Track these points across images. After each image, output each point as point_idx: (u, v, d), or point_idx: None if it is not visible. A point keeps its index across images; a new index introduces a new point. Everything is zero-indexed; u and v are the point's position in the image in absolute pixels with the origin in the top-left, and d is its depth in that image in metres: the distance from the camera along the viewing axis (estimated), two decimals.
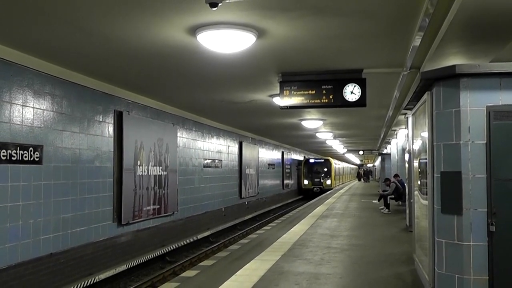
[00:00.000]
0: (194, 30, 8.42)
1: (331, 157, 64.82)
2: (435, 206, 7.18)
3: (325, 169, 54.06)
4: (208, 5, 6.69)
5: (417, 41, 8.55)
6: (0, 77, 9.74)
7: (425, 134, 7.76)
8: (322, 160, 55.21)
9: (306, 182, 52.62)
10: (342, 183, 75.02)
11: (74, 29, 8.53)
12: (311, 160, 54.54)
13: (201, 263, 10.49)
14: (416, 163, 9.73)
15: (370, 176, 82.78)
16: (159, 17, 7.88)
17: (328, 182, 53.63)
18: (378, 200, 24.98)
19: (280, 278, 9.12)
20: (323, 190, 50.56)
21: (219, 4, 6.68)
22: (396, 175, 23.90)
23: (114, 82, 13.29)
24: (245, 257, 11.00)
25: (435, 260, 7.17)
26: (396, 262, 10.62)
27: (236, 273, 9.48)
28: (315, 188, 51.51)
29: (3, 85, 9.81)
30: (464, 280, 6.67)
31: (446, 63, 8.99)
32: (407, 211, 15.69)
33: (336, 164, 60.65)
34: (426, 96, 7.60)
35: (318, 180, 52.91)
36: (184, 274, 9.54)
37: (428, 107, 7.44)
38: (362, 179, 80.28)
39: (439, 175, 7.06)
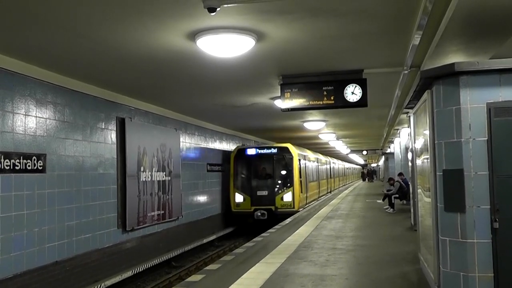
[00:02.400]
0: (193, 35, 8.45)
1: (328, 154, 52.49)
2: (438, 204, 7.17)
3: (280, 170, 26.12)
4: (206, 10, 6.72)
5: (416, 39, 8.57)
6: (2, 87, 9.77)
7: (427, 133, 7.76)
8: (273, 151, 26.04)
9: (239, 198, 25.22)
10: (344, 186, 62.76)
11: (74, 37, 8.57)
12: (250, 152, 25.84)
13: (207, 267, 10.47)
14: (419, 162, 9.72)
15: (374, 176, 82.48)
16: (158, 23, 7.91)
17: (288, 197, 25.16)
18: (383, 200, 24.94)
19: (286, 280, 9.11)
20: (276, 214, 24.09)
21: (218, 9, 6.71)
22: (400, 174, 23.88)
23: (115, 88, 13.32)
24: (250, 261, 10.99)
25: (440, 259, 7.16)
26: (401, 261, 10.60)
27: (241, 277, 9.47)
28: (259, 212, 24.51)
29: (5, 95, 9.84)
30: (469, 277, 6.66)
31: (446, 61, 8.98)
32: (412, 210, 15.66)
33: (310, 160, 32.89)
34: (426, 95, 7.60)
35: (265, 193, 25.41)
36: (190, 279, 9.53)
37: (428, 106, 7.44)
38: (366, 179, 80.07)
39: (441, 173, 7.06)
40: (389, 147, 40.37)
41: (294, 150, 25.91)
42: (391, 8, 7.55)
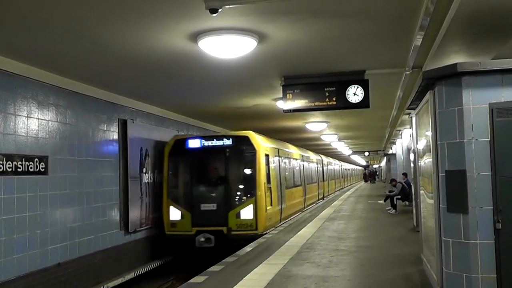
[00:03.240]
0: (195, 36, 8.44)
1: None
2: (441, 205, 7.16)
3: (237, 171, 17.57)
4: (208, 11, 6.72)
5: (418, 40, 8.55)
6: (4, 89, 9.77)
7: (429, 133, 7.75)
8: (226, 142, 16.98)
9: (175, 214, 16.67)
10: (341, 189, 54.38)
11: (76, 39, 8.56)
12: (192, 144, 17.11)
13: (209, 269, 10.47)
14: (421, 163, 9.71)
15: (376, 177, 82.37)
16: (160, 25, 7.90)
17: (247, 212, 16.35)
18: (384, 201, 24.92)
19: (288, 282, 9.11)
20: (229, 240, 15.78)
21: (219, 10, 6.70)
22: (404, 174, 23.85)
23: (117, 90, 13.32)
24: (253, 262, 10.98)
25: (443, 260, 7.15)
26: (404, 262, 10.59)
27: (244, 278, 9.47)
28: (202, 237, 15.88)
29: (7, 97, 9.84)
30: (472, 279, 6.64)
31: (448, 61, 8.97)
32: (414, 211, 15.65)
33: (289, 157, 23.54)
34: (428, 95, 7.59)
35: (212, 206, 16.52)
36: (192, 280, 9.52)
37: (430, 106, 7.43)
38: (368, 180, 79.96)
39: (444, 174, 7.05)
40: (391, 148, 40.41)
41: (257, 141, 16.57)
42: (393, 9, 7.53)
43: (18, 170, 9.95)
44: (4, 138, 9.70)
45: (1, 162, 9.50)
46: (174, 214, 16.44)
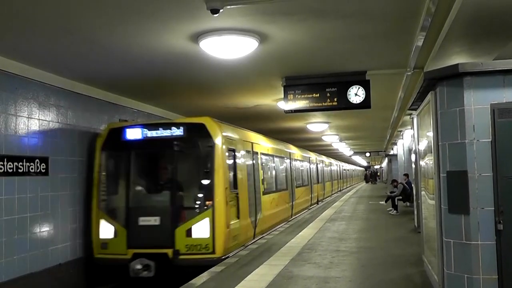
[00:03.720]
0: (196, 37, 8.45)
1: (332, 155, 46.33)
2: (442, 206, 7.14)
3: (189, 171, 13.40)
4: (209, 11, 6.73)
5: (420, 41, 8.55)
6: (5, 90, 9.76)
7: (430, 134, 7.73)
8: (175, 132, 12.30)
9: (106, 230, 12.21)
10: (340, 191, 50.23)
11: (77, 40, 8.58)
12: (131, 134, 12.55)
13: (210, 269, 10.46)
14: (422, 163, 9.69)
15: (377, 178, 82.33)
16: (161, 25, 7.90)
17: (201, 229, 11.76)
18: (386, 202, 24.88)
19: (289, 282, 9.09)
20: (176, 267, 11.59)
21: (221, 10, 6.71)
22: (405, 175, 23.82)
23: (118, 91, 13.32)
24: (253, 263, 10.96)
25: (444, 261, 7.12)
26: (405, 263, 10.57)
27: (245, 279, 9.45)
28: (139, 264, 11.54)
29: (8, 98, 9.83)
30: (473, 280, 6.62)
31: (449, 62, 8.97)
32: (415, 212, 15.63)
33: (265, 154, 18.15)
34: (430, 96, 7.57)
35: (154, 220, 11.88)
36: (193, 281, 9.51)
37: (432, 107, 7.41)
38: (369, 181, 79.95)
39: (445, 174, 7.03)
40: (392, 149, 40.38)
41: (217, 131, 12.15)
42: (394, 10, 7.53)
43: (19, 170, 9.95)
44: (6, 139, 9.69)
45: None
46: (106, 230, 12.16)
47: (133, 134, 12.41)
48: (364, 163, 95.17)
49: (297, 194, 24.10)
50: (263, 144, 17.83)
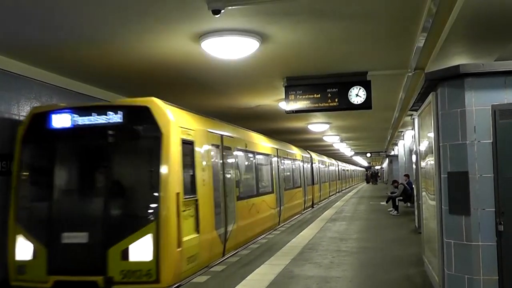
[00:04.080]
0: (198, 37, 8.47)
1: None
2: (443, 206, 7.14)
3: (128, 171, 9.83)
4: (211, 12, 6.74)
5: (421, 42, 8.56)
6: (8, 89, 9.76)
7: (431, 135, 7.74)
8: (112, 118, 9.24)
9: (24, 250, 9.19)
10: (339, 192, 47.80)
11: (80, 40, 8.62)
12: (57, 122, 9.48)
13: (212, 269, 10.46)
14: (423, 164, 9.70)
15: (378, 178, 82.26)
16: (163, 26, 7.92)
17: (141, 250, 8.70)
18: (386, 202, 24.86)
19: (291, 282, 9.10)
20: None
21: (222, 11, 6.72)
22: (406, 175, 23.81)
23: (121, 91, 13.33)
24: (255, 262, 10.98)
25: (444, 261, 7.13)
26: (405, 264, 10.58)
27: (246, 278, 9.46)
28: None
29: (11, 98, 9.83)
30: (473, 280, 6.63)
31: (450, 63, 8.98)
32: (416, 213, 15.64)
33: (241, 149, 14.76)
34: (431, 97, 7.57)
35: (82, 238, 8.91)
36: (195, 280, 9.51)
37: (433, 108, 7.42)
38: (370, 181, 79.90)
39: (446, 175, 7.04)
40: (393, 150, 40.36)
41: (165, 116, 9.20)
42: (396, 11, 7.55)
43: None
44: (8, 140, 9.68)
45: None
46: (23, 249, 9.22)
47: (60, 121, 9.47)
48: (365, 164, 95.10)
49: (286, 197, 21.06)
50: (239, 137, 14.61)
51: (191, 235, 9.62)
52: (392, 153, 41.91)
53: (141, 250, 8.68)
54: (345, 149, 44.75)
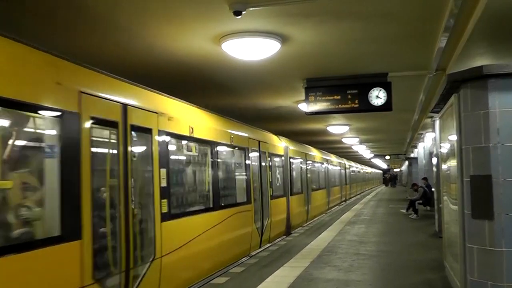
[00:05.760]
0: (219, 38, 8.45)
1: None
2: (465, 211, 7.02)
3: None
4: (232, 13, 6.72)
5: (442, 42, 8.46)
6: None
7: (453, 138, 7.62)
8: None
9: None
10: (349, 199, 39.93)
11: (100, 41, 8.63)
12: None
13: (230, 270, 10.45)
14: (445, 167, 9.58)
15: (397, 181, 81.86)
16: (184, 27, 7.91)
17: None
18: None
19: (310, 285, 9.05)
20: None
21: (243, 12, 6.69)
22: (424, 178, 23.60)
23: None
24: (273, 264, 10.94)
25: (467, 267, 7.00)
26: (426, 268, 10.46)
27: (265, 280, 9.43)
28: None
29: None
30: (497, 287, 6.52)
31: (472, 64, 8.86)
32: (436, 217, 15.50)
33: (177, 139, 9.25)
34: (453, 99, 7.47)
35: None
36: (214, 281, 9.50)
37: (455, 110, 7.30)
38: (389, 184, 79.52)
39: (469, 179, 6.92)
40: (413, 152, 40.12)
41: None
42: (417, 11, 7.46)
43: None
44: None
45: None
46: None
47: None
48: (384, 166, 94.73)
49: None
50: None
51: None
52: (412, 155, 41.68)
53: None
54: (364, 151, 44.52)
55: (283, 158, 18.15)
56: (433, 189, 22.62)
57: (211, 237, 10.30)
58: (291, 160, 18.93)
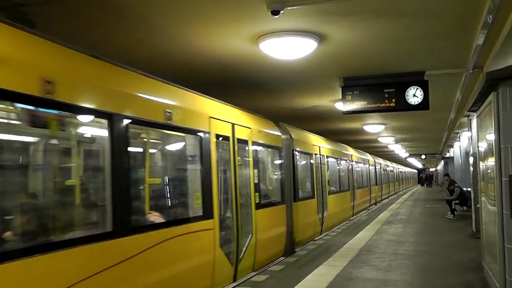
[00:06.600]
0: (256, 38, 8.51)
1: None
2: (504, 211, 6.93)
3: None
4: (270, 13, 6.79)
5: (480, 39, 8.36)
6: None
7: (491, 137, 7.55)
8: None
9: None
10: (373, 203, 32.67)
11: (136, 41, 8.76)
12: None
13: (270, 268, 10.54)
14: (482, 167, 9.49)
15: (433, 181, 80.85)
16: (222, 27, 8.00)
17: None
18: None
19: (349, 284, 9.06)
20: None
21: (281, 12, 6.75)
22: (446, 175, 23.36)
23: None
24: (312, 263, 10.97)
25: (506, 268, 6.91)
26: (464, 269, 10.38)
27: (305, 278, 9.47)
28: None
29: None
30: None
31: (511, 61, 8.78)
32: (473, 217, 15.35)
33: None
34: (491, 97, 7.38)
35: None
36: (254, 279, 9.59)
37: (494, 108, 7.22)
38: (425, 184, 78.61)
39: (507, 179, 6.84)
40: (449, 151, 39.69)
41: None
42: (455, 7, 7.42)
43: None
44: None
45: None
46: None
47: None
48: (419, 165, 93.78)
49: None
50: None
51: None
52: (448, 155, 41.24)
53: None
54: (400, 150, 44.20)
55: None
56: (456, 185, 22.46)
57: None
58: (297, 155, 15.01)
